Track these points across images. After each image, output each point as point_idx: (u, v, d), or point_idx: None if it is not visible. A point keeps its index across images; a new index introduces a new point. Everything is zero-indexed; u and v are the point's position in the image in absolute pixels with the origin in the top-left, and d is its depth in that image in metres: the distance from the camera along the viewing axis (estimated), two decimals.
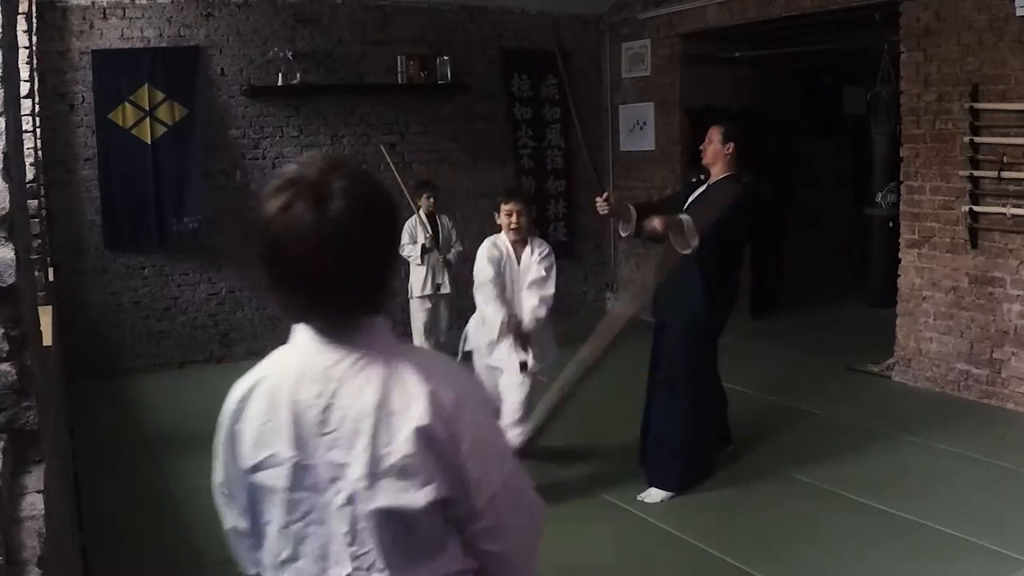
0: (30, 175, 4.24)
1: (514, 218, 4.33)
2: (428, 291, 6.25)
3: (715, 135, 4.25)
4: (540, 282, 4.38)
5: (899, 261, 5.84)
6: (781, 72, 8.55)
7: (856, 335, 6.90)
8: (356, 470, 1.25)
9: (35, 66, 5.53)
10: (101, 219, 6.49)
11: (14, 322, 1.50)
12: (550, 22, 7.01)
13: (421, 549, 1.28)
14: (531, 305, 4.32)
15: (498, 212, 4.41)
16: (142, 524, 4.03)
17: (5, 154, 1.53)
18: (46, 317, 3.74)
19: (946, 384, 5.56)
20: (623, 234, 4.32)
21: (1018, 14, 4.94)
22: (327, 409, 1.27)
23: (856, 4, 6.01)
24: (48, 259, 5.55)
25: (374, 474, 1.24)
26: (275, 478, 1.29)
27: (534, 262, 4.39)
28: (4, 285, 1.47)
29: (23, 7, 4.47)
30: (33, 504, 1.47)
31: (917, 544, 3.60)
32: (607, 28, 8.20)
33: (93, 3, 6.32)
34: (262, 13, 6.84)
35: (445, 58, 7.40)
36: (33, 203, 4.33)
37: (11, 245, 1.49)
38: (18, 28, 4.18)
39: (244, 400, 1.37)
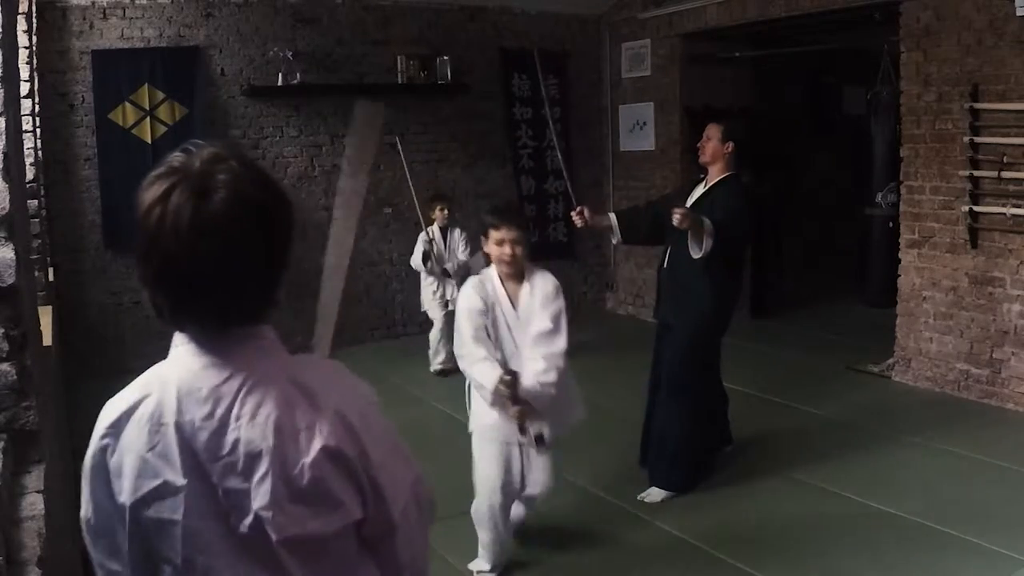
0: (30, 175, 4.24)
1: (507, 248, 3.21)
2: (435, 305, 6.35)
3: (714, 133, 4.18)
4: (546, 336, 3.20)
5: (899, 261, 5.84)
6: (781, 72, 8.55)
7: (856, 335, 6.90)
8: (260, 498, 1.13)
9: (35, 66, 5.53)
10: (101, 219, 6.49)
11: (14, 322, 1.50)
12: (551, 22, 7.01)
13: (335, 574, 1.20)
14: (535, 369, 3.17)
15: (486, 238, 3.28)
16: None
17: (5, 154, 1.54)
18: (46, 317, 3.74)
19: (946, 384, 5.56)
20: (613, 242, 4.31)
21: (1018, 14, 4.94)
22: (219, 432, 1.14)
23: (856, 4, 6.01)
24: (48, 259, 5.55)
25: (280, 500, 1.13)
26: (169, 510, 1.14)
27: (537, 306, 3.24)
28: (4, 285, 1.47)
29: (23, 7, 4.47)
30: (33, 504, 1.47)
31: (917, 544, 3.60)
32: (607, 28, 8.20)
33: (93, 3, 6.32)
34: (262, 13, 6.84)
35: (445, 58, 7.40)
36: (33, 203, 4.33)
37: (11, 245, 1.49)
38: (18, 28, 4.18)
39: (116, 427, 1.18)
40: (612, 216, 4.42)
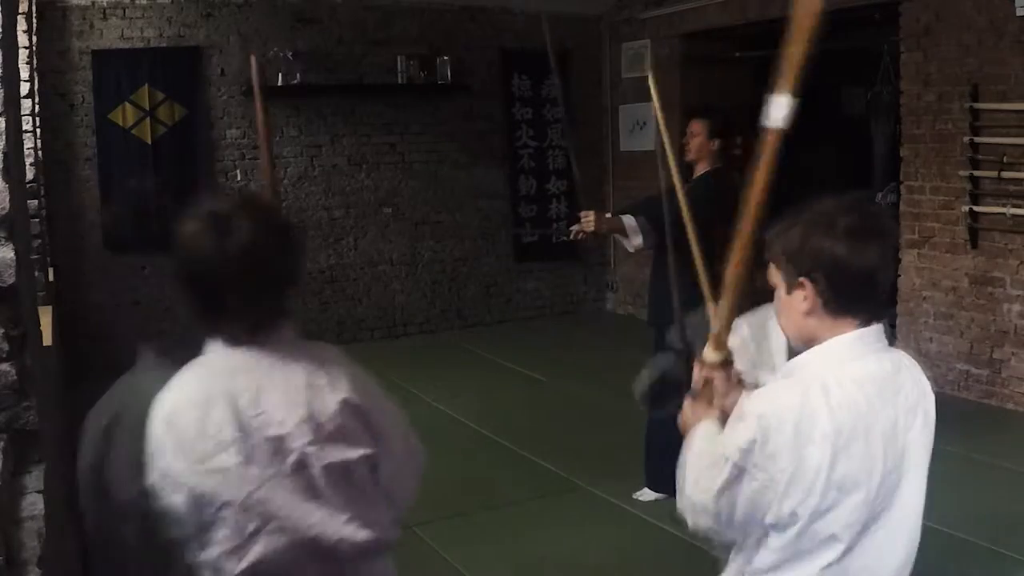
0: (30, 175, 4.24)
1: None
2: None
3: (699, 128, 3.99)
4: None
5: (899, 261, 5.84)
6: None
7: None
8: (300, 438, 1.48)
9: (35, 66, 5.53)
10: (101, 219, 6.49)
11: (14, 322, 1.50)
12: (547, 22, 7.00)
13: (359, 497, 1.56)
14: None
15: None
16: None
17: (5, 154, 1.53)
18: (46, 317, 3.74)
19: (946, 384, 5.56)
20: (630, 249, 3.99)
21: (1018, 14, 4.93)
22: (259, 393, 1.47)
23: (856, 4, 6.01)
24: (48, 259, 5.54)
25: (318, 439, 1.49)
26: (226, 460, 1.44)
27: None
28: (4, 285, 1.47)
29: (23, 7, 4.47)
30: (33, 504, 1.47)
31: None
32: (607, 28, 8.20)
33: (93, 3, 6.32)
34: (262, 13, 6.84)
35: (445, 58, 7.40)
36: (33, 203, 4.33)
37: (11, 245, 1.49)
38: (18, 28, 4.17)
39: (175, 412, 1.48)
40: (630, 219, 3.93)
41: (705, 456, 1.54)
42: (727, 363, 1.70)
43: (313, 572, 1.52)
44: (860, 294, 1.46)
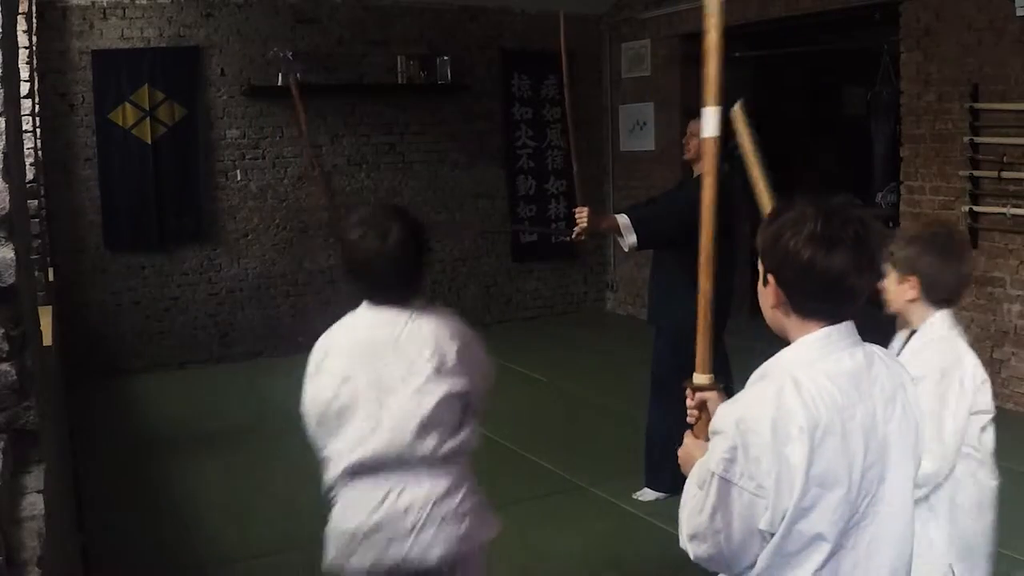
0: (30, 175, 4.23)
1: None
2: None
3: (697, 129, 4.10)
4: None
5: None
6: (781, 72, 8.54)
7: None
8: (425, 371, 2.07)
9: (35, 66, 5.53)
10: (101, 219, 6.49)
11: (14, 322, 1.50)
12: (551, 22, 7.00)
13: (456, 423, 2.14)
14: None
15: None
16: (142, 524, 4.03)
17: (5, 154, 1.53)
18: (46, 317, 3.74)
19: None
20: (625, 248, 4.01)
21: (1018, 14, 4.94)
22: (398, 337, 2.10)
23: (856, 4, 6.01)
24: (48, 259, 5.55)
25: (439, 372, 2.08)
26: (358, 387, 2.10)
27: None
28: (4, 285, 1.47)
29: (23, 7, 4.47)
30: (33, 504, 1.47)
31: None
32: (607, 28, 8.20)
33: (93, 3, 6.32)
34: (262, 13, 6.84)
35: (445, 58, 7.40)
36: (33, 203, 4.33)
37: (11, 245, 1.49)
38: (18, 28, 4.17)
39: (326, 349, 2.18)
40: (624, 217, 3.97)
41: (694, 481, 1.52)
42: (715, 385, 1.71)
43: (421, 472, 2.11)
44: (825, 298, 1.48)
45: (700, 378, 1.70)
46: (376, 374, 2.07)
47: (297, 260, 7.18)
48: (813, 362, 1.47)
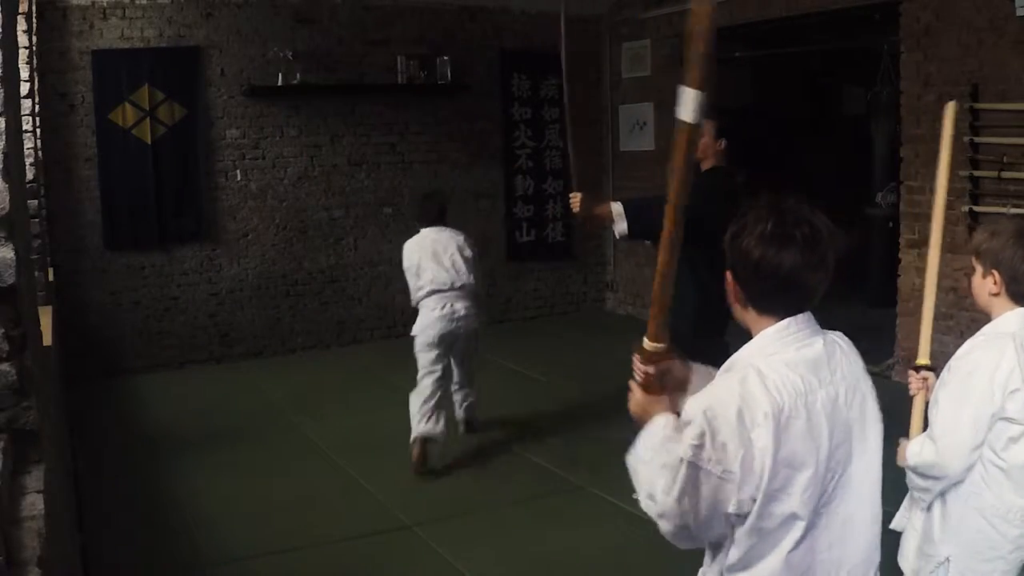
0: (30, 175, 4.23)
1: None
2: None
3: (707, 128, 4.04)
4: None
5: (899, 261, 5.84)
6: (781, 72, 8.55)
7: (856, 335, 6.81)
8: (455, 246, 4.85)
9: (35, 66, 5.53)
10: (101, 219, 6.49)
11: (14, 322, 1.50)
12: (551, 22, 7.01)
13: (470, 271, 4.90)
14: None
15: None
16: (142, 524, 4.04)
17: (5, 154, 1.53)
18: (46, 317, 3.74)
19: None
20: (616, 235, 4.12)
21: (1018, 14, 4.94)
22: (439, 237, 4.75)
23: (856, 4, 6.01)
24: (48, 259, 5.55)
25: (460, 248, 4.87)
26: (424, 254, 4.87)
27: None
28: (4, 285, 1.47)
29: (23, 7, 4.47)
30: (33, 504, 1.47)
31: None
32: (607, 28, 8.20)
33: (93, 3, 6.32)
34: (262, 13, 6.84)
35: (445, 58, 7.40)
36: (33, 203, 4.33)
37: (11, 245, 1.49)
38: (18, 28, 4.17)
39: (408, 246, 4.87)
40: (617, 205, 4.01)
41: (660, 457, 1.59)
42: (667, 352, 1.79)
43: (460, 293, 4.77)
44: (778, 294, 1.58)
45: (651, 346, 1.77)
46: (432, 248, 4.76)
47: (297, 260, 7.19)
48: (773, 353, 1.57)
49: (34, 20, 5.61)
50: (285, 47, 6.79)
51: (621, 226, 3.98)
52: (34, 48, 5.50)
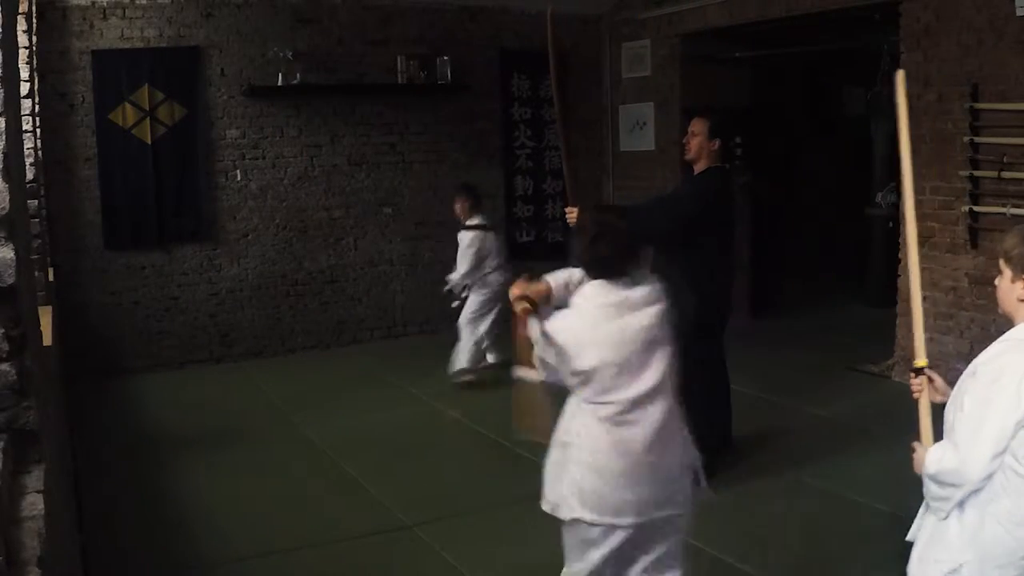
0: (30, 175, 4.23)
1: None
2: None
3: (700, 128, 4.07)
4: None
5: (899, 261, 5.84)
6: (781, 72, 8.55)
7: (856, 335, 6.90)
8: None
9: (35, 66, 5.53)
10: (101, 219, 6.49)
11: (14, 322, 1.50)
12: (551, 19, 7.00)
13: None
14: None
15: None
16: (142, 524, 4.04)
17: (5, 154, 1.54)
18: (46, 317, 3.74)
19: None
20: None
21: (1018, 14, 4.94)
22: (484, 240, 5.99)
23: (856, 4, 6.01)
24: (48, 259, 5.54)
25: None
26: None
27: None
28: (4, 285, 1.47)
29: (23, 7, 4.47)
30: (33, 504, 1.47)
31: None
32: (607, 28, 8.20)
33: (93, 3, 6.32)
34: (262, 13, 6.84)
35: (445, 58, 7.40)
36: (33, 203, 4.33)
37: (11, 245, 1.49)
38: (18, 28, 4.17)
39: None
40: None
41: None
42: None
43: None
44: (597, 269, 2.80)
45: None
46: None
47: (297, 260, 7.18)
48: (591, 297, 2.74)
49: (34, 20, 5.61)
50: (285, 47, 6.79)
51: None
52: (34, 48, 5.50)
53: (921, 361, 2.44)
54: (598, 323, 2.65)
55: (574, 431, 2.81)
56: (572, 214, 4.07)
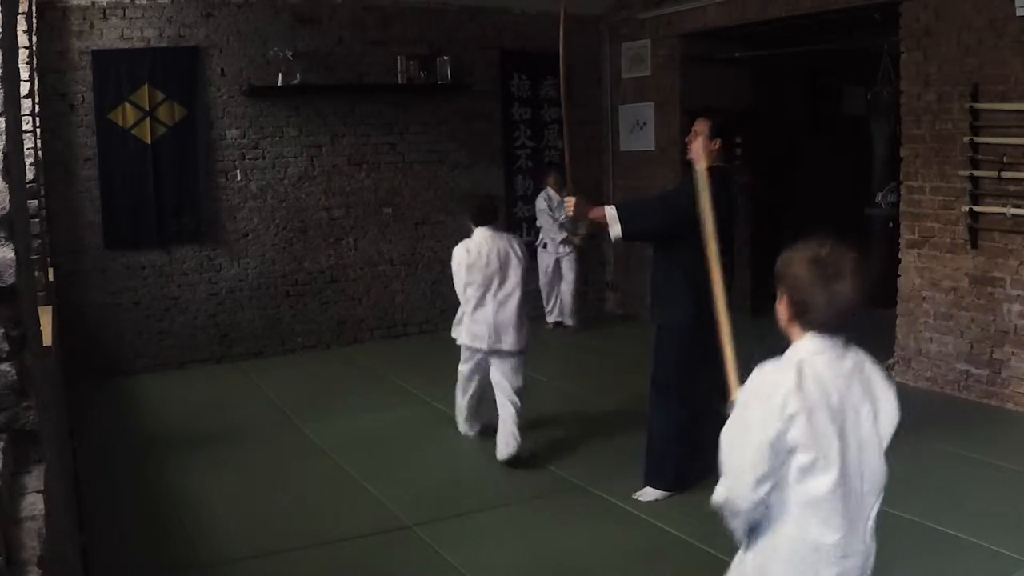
0: (30, 175, 4.23)
1: None
2: None
3: (702, 128, 4.08)
4: None
5: (899, 261, 5.84)
6: (781, 72, 8.54)
7: (856, 335, 6.88)
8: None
9: (35, 66, 5.53)
10: (101, 219, 6.49)
11: (14, 322, 1.50)
12: (551, 22, 7.00)
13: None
14: None
15: None
16: (142, 524, 4.04)
17: (5, 154, 1.53)
18: (46, 317, 3.74)
19: (946, 384, 5.56)
20: (612, 238, 4.15)
21: (1018, 14, 4.94)
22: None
23: (856, 4, 6.01)
24: (48, 259, 5.54)
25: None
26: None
27: None
28: (4, 285, 1.47)
29: (23, 7, 4.46)
30: (33, 504, 1.47)
31: (917, 544, 3.59)
32: (607, 28, 8.20)
33: (93, 3, 6.32)
34: (262, 13, 6.84)
35: (445, 58, 7.41)
36: (33, 203, 4.33)
37: (11, 245, 1.49)
38: (18, 28, 4.17)
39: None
40: (611, 209, 4.13)
41: None
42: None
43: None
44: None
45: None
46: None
47: (297, 260, 7.19)
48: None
49: (34, 20, 5.61)
50: (285, 47, 6.79)
51: (616, 229, 4.07)
52: (34, 48, 5.50)
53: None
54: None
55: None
56: (570, 203, 4.22)
